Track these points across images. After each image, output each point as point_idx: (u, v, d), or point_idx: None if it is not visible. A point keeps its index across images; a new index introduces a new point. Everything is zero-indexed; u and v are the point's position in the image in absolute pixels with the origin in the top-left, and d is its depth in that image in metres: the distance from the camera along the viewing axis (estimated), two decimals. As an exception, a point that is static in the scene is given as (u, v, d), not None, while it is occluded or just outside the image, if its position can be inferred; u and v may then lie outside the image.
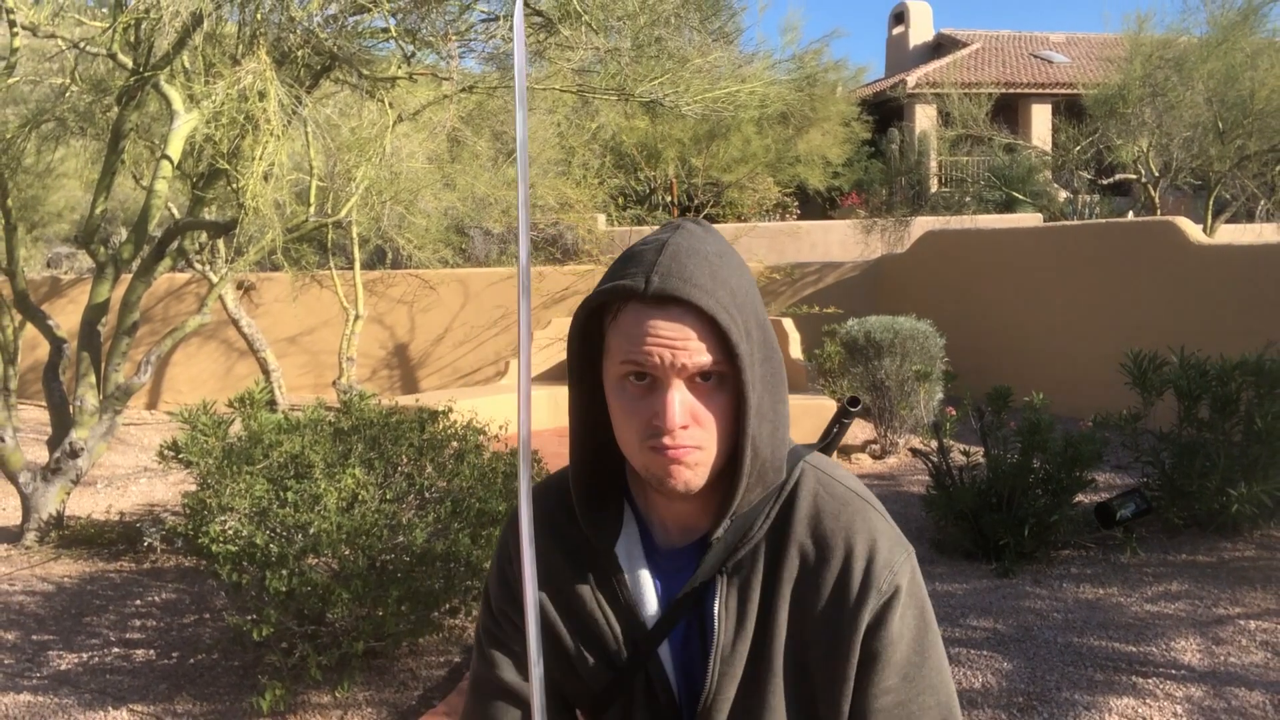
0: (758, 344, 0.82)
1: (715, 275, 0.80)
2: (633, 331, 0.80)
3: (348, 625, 3.05)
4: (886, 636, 0.84)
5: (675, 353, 0.78)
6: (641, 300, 0.79)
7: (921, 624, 0.87)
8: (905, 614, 0.85)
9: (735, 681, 0.86)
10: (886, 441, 6.93)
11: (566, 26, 4.61)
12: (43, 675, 3.37)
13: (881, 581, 0.85)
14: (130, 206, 9.59)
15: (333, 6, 4.56)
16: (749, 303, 0.82)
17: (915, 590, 0.87)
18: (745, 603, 0.87)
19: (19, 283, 5.18)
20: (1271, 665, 3.22)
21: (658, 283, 0.78)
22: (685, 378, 0.80)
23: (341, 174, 5.79)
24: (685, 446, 0.80)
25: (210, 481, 3.32)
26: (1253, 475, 4.37)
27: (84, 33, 4.56)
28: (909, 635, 0.85)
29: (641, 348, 0.79)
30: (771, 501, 0.88)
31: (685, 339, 0.78)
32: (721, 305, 0.79)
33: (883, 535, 0.88)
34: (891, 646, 0.84)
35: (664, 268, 0.79)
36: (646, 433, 0.80)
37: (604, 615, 0.90)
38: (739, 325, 0.79)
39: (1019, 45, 20.70)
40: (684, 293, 0.77)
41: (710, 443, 0.82)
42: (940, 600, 3.95)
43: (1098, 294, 7.79)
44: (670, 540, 0.91)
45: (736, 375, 0.80)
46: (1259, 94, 9.68)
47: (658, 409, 0.79)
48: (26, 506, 4.97)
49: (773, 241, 13.08)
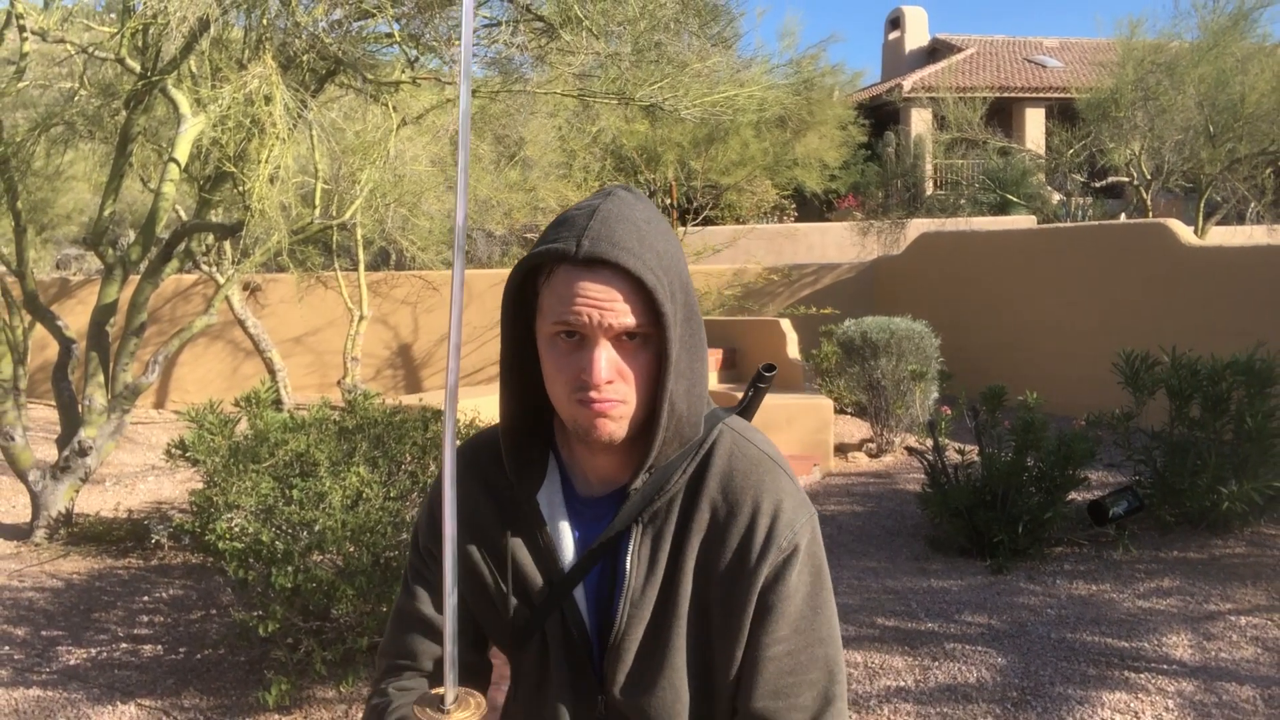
0: (680, 305, 0.86)
1: (643, 240, 0.84)
2: (564, 292, 0.84)
3: (352, 621, 3.05)
4: (783, 591, 0.89)
5: (603, 313, 0.83)
6: (572, 263, 0.83)
7: (816, 582, 0.92)
8: (802, 571, 0.90)
9: (643, 623, 0.91)
10: (882, 440, 6.98)
11: (567, 32, 4.65)
12: (52, 670, 3.40)
13: (782, 539, 0.89)
14: (138, 209, 9.60)
15: (337, 12, 4.59)
16: (674, 266, 0.86)
17: (813, 550, 0.92)
18: (657, 551, 0.92)
19: (28, 284, 5.20)
20: (1261, 660, 3.24)
21: (588, 246, 0.82)
22: (611, 337, 0.84)
23: (346, 177, 5.82)
24: (610, 400, 0.85)
25: (217, 479, 3.35)
26: (1243, 473, 4.41)
27: (92, 38, 4.61)
28: (803, 591, 0.90)
29: (571, 307, 0.83)
30: (689, 458, 0.92)
31: (612, 300, 0.83)
32: (648, 267, 0.83)
33: (788, 496, 0.92)
34: (786, 600, 0.89)
35: (594, 232, 0.83)
36: (574, 386, 0.85)
37: (524, 559, 0.95)
38: (664, 287, 0.83)
39: (1013, 50, 20.79)
40: (612, 256, 0.82)
41: (632, 397, 0.86)
42: (935, 596, 3.98)
43: (1091, 295, 7.83)
44: (591, 490, 0.96)
45: (661, 335, 0.84)
46: (1249, 98, 9.73)
47: (585, 365, 0.84)
48: (36, 504, 4.99)
49: (770, 243, 13.14)
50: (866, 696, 3.07)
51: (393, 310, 10.18)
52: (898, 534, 4.98)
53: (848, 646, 3.47)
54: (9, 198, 4.90)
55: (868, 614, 3.79)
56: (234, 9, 4.53)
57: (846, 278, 10.26)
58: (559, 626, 0.95)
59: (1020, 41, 21.61)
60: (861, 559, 4.56)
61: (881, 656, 3.37)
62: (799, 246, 13.38)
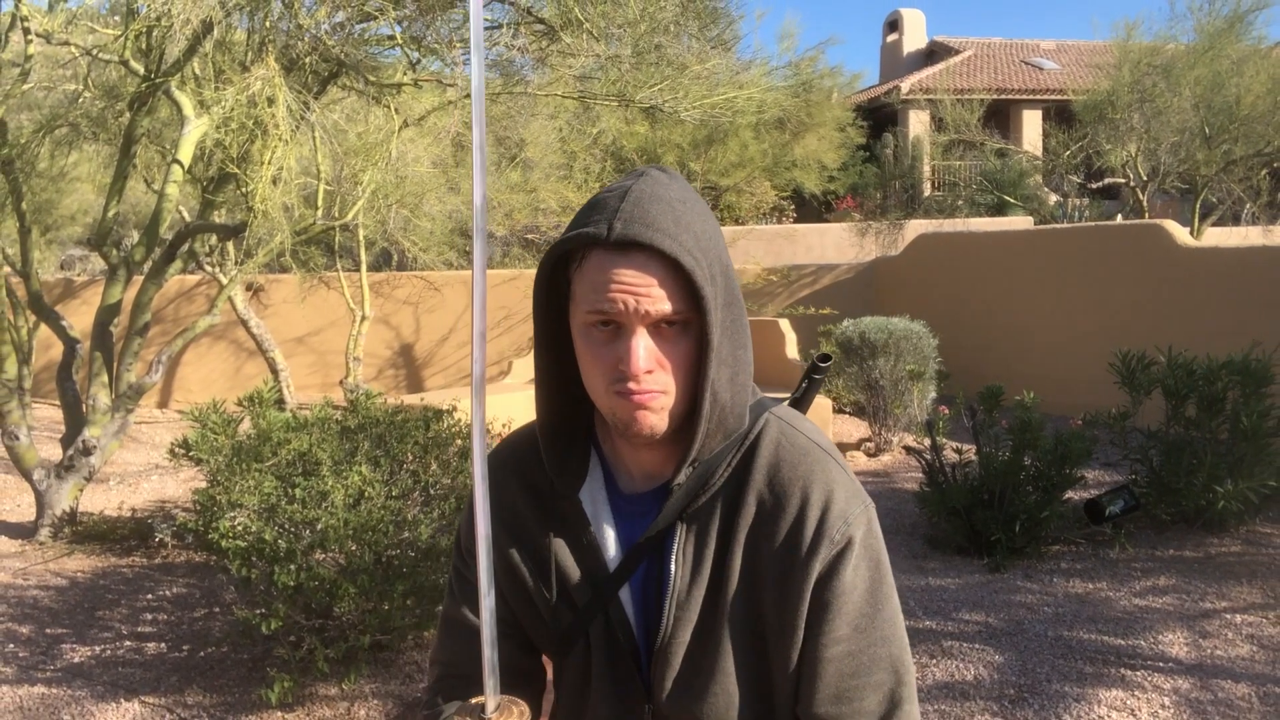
0: (721, 289, 0.81)
1: (679, 220, 0.79)
2: (597, 279, 0.79)
3: (354, 619, 3.07)
4: (839, 586, 0.84)
5: (639, 299, 0.78)
6: (605, 247, 0.78)
7: (876, 576, 0.86)
8: (859, 566, 0.84)
9: (690, 626, 0.87)
10: (881, 440, 7.01)
11: (568, 34, 4.67)
12: (57, 667, 3.41)
13: (835, 532, 0.84)
14: (142, 210, 9.63)
15: (340, 14, 4.61)
16: (713, 247, 0.81)
17: (870, 543, 0.86)
18: (702, 549, 0.87)
19: (33, 284, 5.21)
20: (1257, 658, 3.25)
21: (620, 228, 0.77)
22: (649, 324, 0.79)
23: (348, 178, 5.85)
24: (650, 391, 0.80)
25: (220, 478, 3.35)
26: (1238, 472, 4.42)
27: (97, 40, 4.63)
28: (862, 587, 0.84)
29: (606, 295, 0.78)
30: (733, 450, 0.88)
31: (649, 285, 0.78)
32: (685, 249, 0.78)
33: (840, 486, 0.86)
34: (843, 597, 0.83)
35: (626, 213, 0.78)
36: (612, 378, 0.81)
37: (567, 560, 0.91)
38: (704, 269, 0.78)
39: (1010, 52, 20.84)
40: (647, 238, 0.77)
41: (673, 387, 0.82)
42: (933, 595, 4.00)
43: (1087, 295, 7.86)
44: (634, 485, 0.91)
45: (701, 320, 0.80)
46: (1244, 100, 9.76)
47: (623, 355, 0.79)
48: (41, 503, 5.01)
49: (770, 244, 13.18)
50: (865, 693, 3.10)
51: (394, 310, 10.21)
52: (896, 533, 4.99)
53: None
54: (14, 199, 4.93)
55: (866, 611, 3.82)
56: (237, 11, 4.55)
57: (845, 278, 10.29)
58: (603, 630, 0.91)
59: (1017, 44, 21.67)
60: (860, 557, 4.58)
61: (879, 653, 3.40)
62: (798, 247, 13.42)
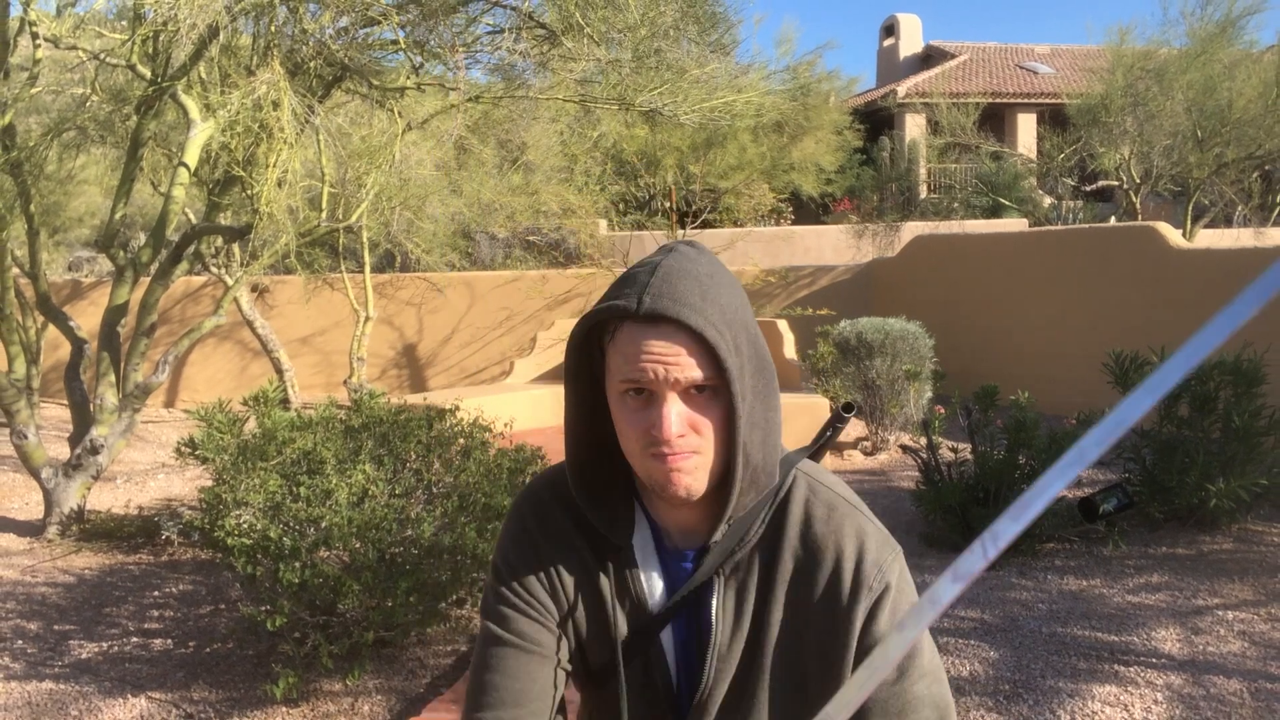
0: (748, 357, 0.86)
1: (705, 294, 0.84)
2: (629, 350, 0.84)
3: (358, 616, 3.08)
4: (880, 631, 0.88)
5: (669, 368, 0.83)
6: (635, 320, 0.84)
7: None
8: (898, 609, 0.88)
9: (729, 678, 0.91)
10: (877, 439, 7.05)
11: (569, 39, 4.72)
12: (64, 664, 3.44)
13: (872, 579, 0.89)
14: (149, 212, 9.65)
15: (344, 19, 4.64)
16: (738, 319, 0.86)
17: (904, 586, 0.90)
18: (742, 603, 0.92)
19: (41, 285, 5.24)
20: (1248, 654, 3.25)
21: (649, 303, 0.83)
22: (680, 390, 0.84)
23: (352, 180, 5.88)
24: (683, 453, 0.85)
25: (226, 477, 3.38)
26: (1230, 471, 4.44)
27: (104, 44, 4.66)
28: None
29: (638, 364, 0.83)
30: (766, 507, 0.92)
31: (677, 355, 0.83)
32: (710, 322, 0.83)
33: (870, 537, 0.91)
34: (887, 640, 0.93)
35: (655, 289, 0.84)
36: (647, 442, 0.85)
37: (615, 601, 0.95)
38: (728, 341, 0.83)
39: (1005, 56, 20.92)
40: (674, 312, 0.82)
41: (707, 449, 0.86)
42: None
43: (1081, 296, 7.90)
44: (673, 542, 0.96)
45: (726, 387, 0.84)
46: (1236, 103, 9.79)
47: (656, 420, 0.84)
48: (49, 501, 5.03)
49: (768, 246, 13.24)
50: (862, 687, 3.13)
51: (398, 311, 10.26)
52: (892, 530, 4.96)
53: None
54: (22, 201, 4.95)
55: (864, 608, 3.86)
56: (242, 16, 4.59)
57: (842, 279, 10.35)
58: (640, 672, 0.95)
59: (1012, 48, 21.75)
60: (858, 555, 4.62)
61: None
62: (795, 249, 13.47)
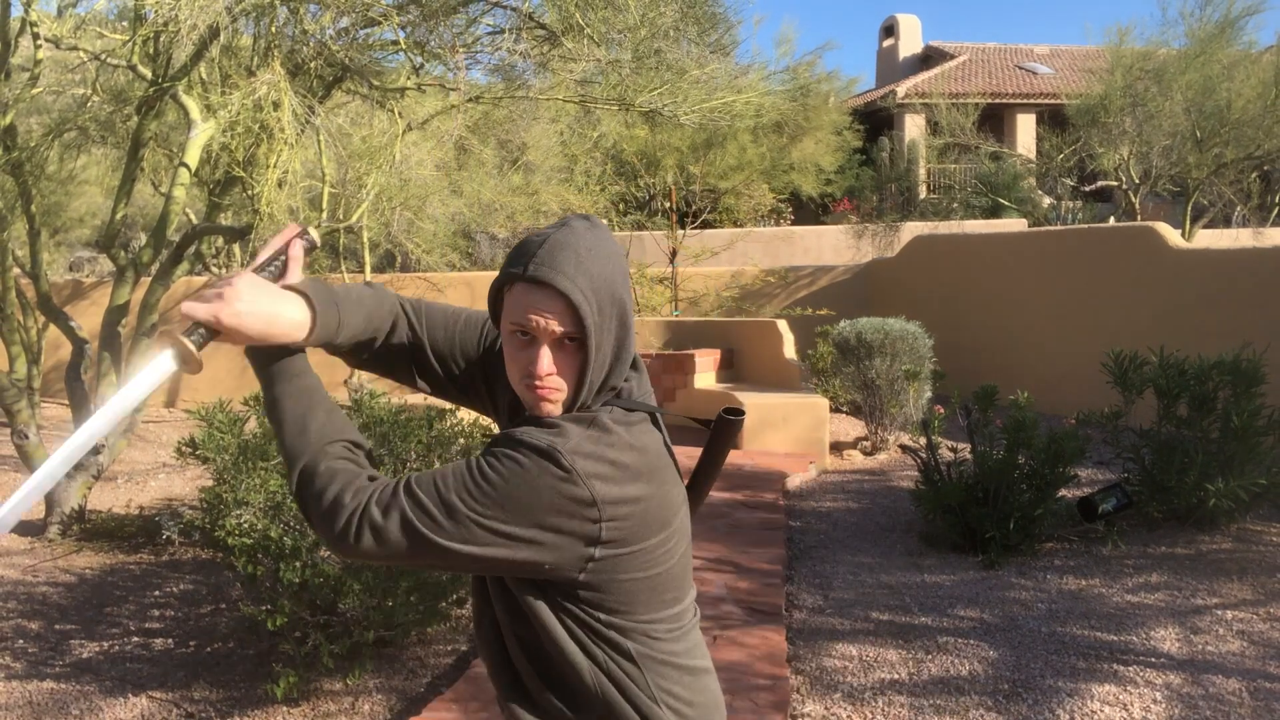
0: (609, 317, 1.06)
1: (580, 265, 1.03)
2: (518, 302, 1.05)
3: (359, 615, 3.10)
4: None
5: (546, 320, 1.04)
6: (524, 281, 1.05)
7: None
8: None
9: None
10: (877, 438, 7.07)
11: (569, 39, 4.72)
12: (65, 663, 3.44)
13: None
14: (149, 212, 9.67)
15: (344, 20, 4.65)
16: (606, 286, 1.05)
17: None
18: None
19: (42, 285, 5.25)
20: (1247, 654, 3.27)
21: (532, 269, 1.04)
22: (553, 339, 1.05)
23: (353, 181, 5.89)
24: (549, 387, 1.06)
25: (226, 477, 3.40)
26: (1229, 471, 4.46)
27: (105, 45, 4.66)
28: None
29: (524, 315, 1.05)
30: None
31: (551, 312, 1.03)
32: (578, 288, 1.03)
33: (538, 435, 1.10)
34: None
35: (540, 258, 1.04)
36: (525, 375, 1.07)
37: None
38: (591, 304, 1.03)
39: (1004, 57, 20.94)
40: (550, 278, 1.03)
41: (566, 387, 1.07)
42: (929, 591, 4.04)
43: (1080, 296, 7.92)
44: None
45: (584, 340, 1.05)
46: (1235, 104, 9.82)
47: (533, 359, 1.06)
48: (49, 501, 5.04)
49: (767, 246, 13.26)
50: (861, 688, 3.11)
51: (396, 312, 10.25)
52: (892, 530, 5.04)
53: (844, 639, 3.53)
54: (23, 201, 4.96)
55: (862, 608, 3.86)
56: (243, 17, 4.59)
57: (842, 279, 10.37)
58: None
59: (1012, 49, 21.78)
60: (856, 554, 4.62)
61: (876, 650, 3.42)
62: (795, 249, 13.50)
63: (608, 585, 1.06)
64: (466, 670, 3.22)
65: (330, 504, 1.02)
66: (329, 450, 1.07)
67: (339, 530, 1.01)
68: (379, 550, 1.01)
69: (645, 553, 1.07)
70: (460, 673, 3.23)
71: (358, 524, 1.01)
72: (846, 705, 3.02)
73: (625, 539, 1.05)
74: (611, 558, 1.05)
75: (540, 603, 1.07)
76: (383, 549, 1.01)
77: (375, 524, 1.01)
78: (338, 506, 1.02)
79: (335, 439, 1.09)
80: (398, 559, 1.02)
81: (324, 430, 1.09)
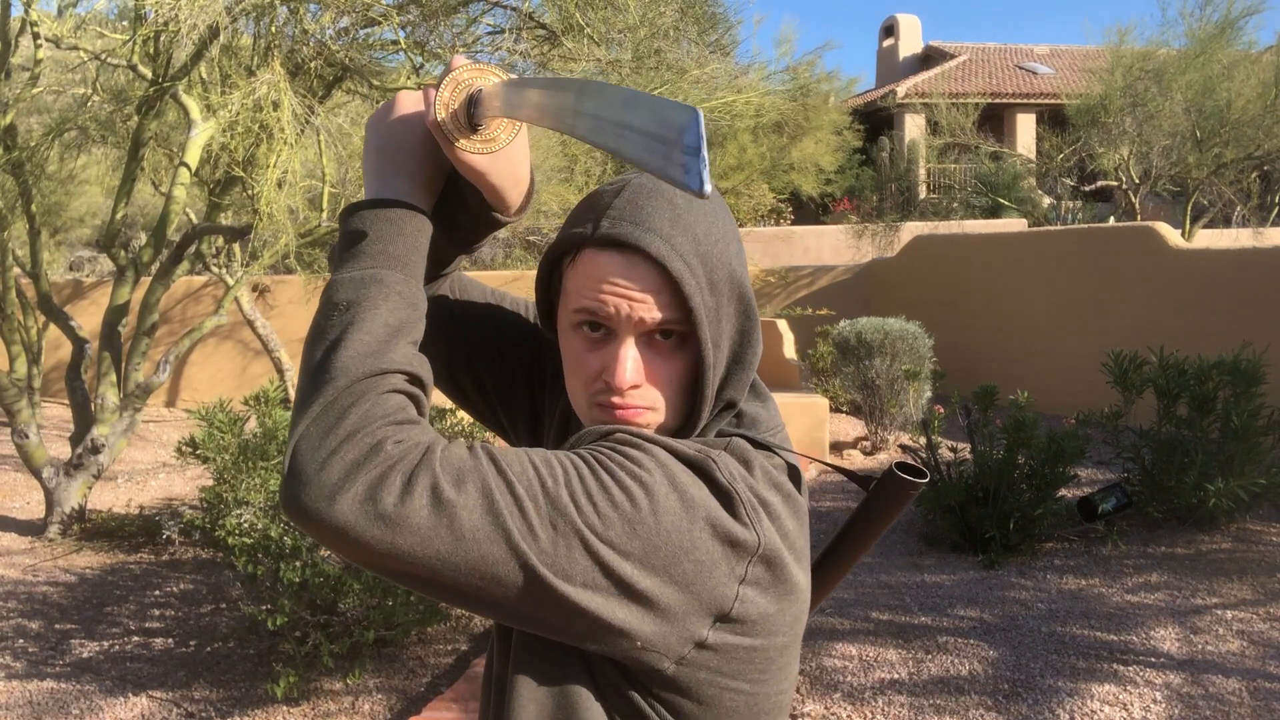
0: (726, 298, 0.72)
1: (678, 219, 0.70)
2: (588, 273, 0.70)
3: (359, 615, 3.11)
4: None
5: (633, 304, 0.69)
6: (596, 245, 0.70)
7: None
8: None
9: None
10: (877, 438, 7.07)
11: (569, 39, 4.73)
12: (66, 663, 3.45)
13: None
14: (150, 212, 9.68)
15: (344, 20, 4.66)
16: (715, 252, 0.71)
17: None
18: None
19: (42, 285, 5.26)
20: (1247, 653, 3.29)
21: (607, 227, 0.69)
22: (642, 333, 0.71)
23: (353, 181, 5.89)
24: (635, 407, 0.71)
25: (226, 476, 3.42)
26: (1229, 471, 4.47)
27: (105, 45, 4.67)
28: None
29: (597, 294, 0.70)
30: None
31: (643, 290, 0.69)
32: (678, 253, 0.68)
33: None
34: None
35: (618, 210, 0.70)
36: (597, 388, 0.72)
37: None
38: (697, 277, 0.69)
39: (1004, 57, 20.94)
40: (634, 238, 0.68)
41: (662, 405, 0.72)
42: (928, 591, 4.05)
43: (1080, 296, 7.93)
44: None
45: (694, 333, 0.70)
46: (1235, 104, 9.83)
47: (609, 363, 0.71)
48: (50, 500, 5.05)
49: (768, 246, 13.27)
50: (861, 688, 3.12)
51: (395, 312, 10.24)
52: (891, 530, 5.04)
53: (844, 639, 3.54)
54: (23, 201, 4.97)
55: (862, 608, 3.86)
56: (243, 17, 4.60)
57: (842, 279, 10.38)
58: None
59: (1012, 49, 21.78)
60: (857, 554, 4.64)
61: (876, 649, 3.43)
62: (795, 249, 13.51)
63: (700, 691, 0.68)
64: (466, 670, 3.22)
65: (369, 449, 0.61)
66: (390, 380, 0.66)
67: (371, 483, 0.60)
68: (420, 531, 0.60)
69: (765, 655, 0.70)
70: (460, 672, 3.23)
71: (406, 483, 0.61)
72: (846, 705, 3.02)
73: (756, 620, 0.68)
74: (726, 648, 0.68)
75: (585, 691, 0.70)
76: (423, 536, 0.60)
77: (441, 493, 0.61)
78: (377, 453, 0.61)
79: (405, 370, 0.68)
80: (421, 562, 0.61)
81: (401, 361, 0.67)
